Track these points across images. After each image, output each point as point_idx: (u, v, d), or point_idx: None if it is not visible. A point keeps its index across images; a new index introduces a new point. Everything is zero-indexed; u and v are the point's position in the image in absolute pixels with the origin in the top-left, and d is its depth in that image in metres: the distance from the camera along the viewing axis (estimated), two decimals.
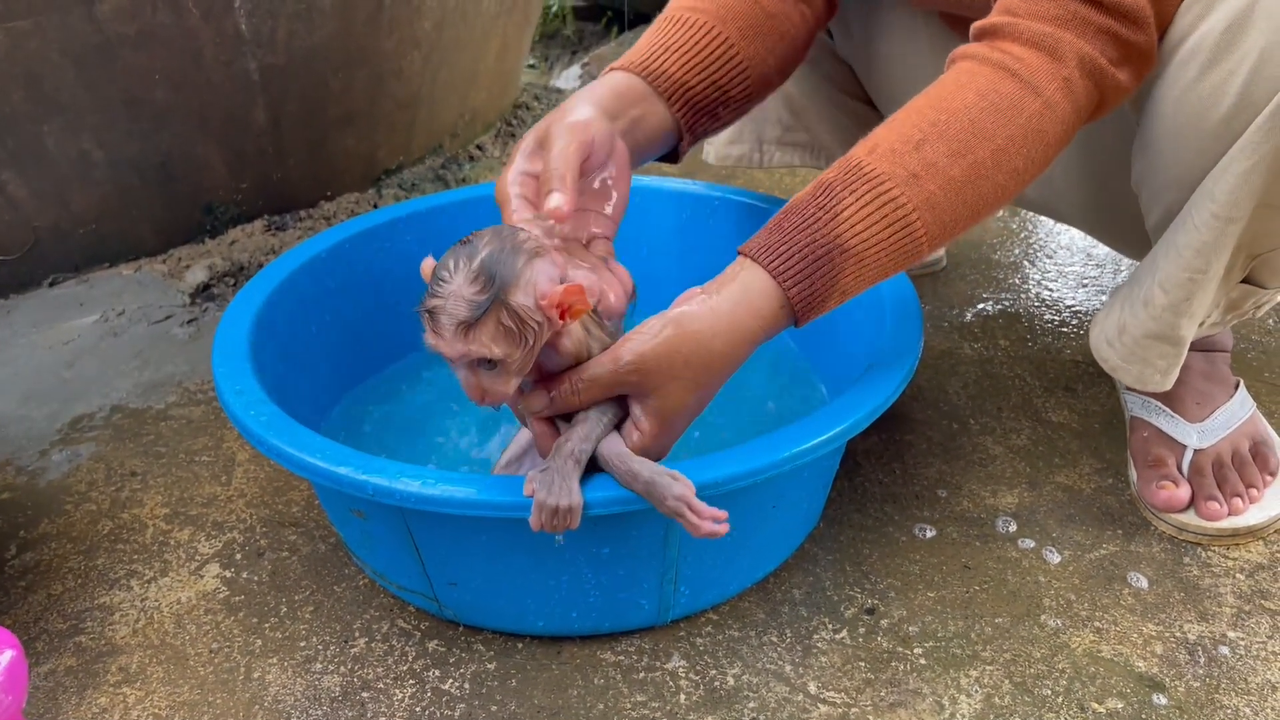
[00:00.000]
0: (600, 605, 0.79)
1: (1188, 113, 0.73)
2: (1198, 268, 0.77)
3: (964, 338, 1.23)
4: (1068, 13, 0.71)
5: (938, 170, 0.70)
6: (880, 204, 0.70)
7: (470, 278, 0.62)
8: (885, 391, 0.78)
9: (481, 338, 0.62)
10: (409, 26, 1.49)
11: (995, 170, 0.71)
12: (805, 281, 0.69)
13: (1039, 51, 0.71)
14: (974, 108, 0.71)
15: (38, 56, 1.19)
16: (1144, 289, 0.82)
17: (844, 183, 0.71)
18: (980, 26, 0.74)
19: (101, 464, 1.07)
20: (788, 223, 0.71)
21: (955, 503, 0.97)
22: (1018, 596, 0.86)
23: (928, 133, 0.70)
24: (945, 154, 0.70)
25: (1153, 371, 0.85)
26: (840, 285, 0.71)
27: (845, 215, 0.70)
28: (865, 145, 0.72)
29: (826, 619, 0.84)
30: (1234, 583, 0.87)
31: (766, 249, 0.71)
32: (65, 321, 1.33)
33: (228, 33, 1.29)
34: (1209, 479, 0.91)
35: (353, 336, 1.06)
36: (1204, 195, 0.75)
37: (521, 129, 1.95)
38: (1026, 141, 0.71)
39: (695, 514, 0.66)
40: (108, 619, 0.87)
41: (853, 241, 0.70)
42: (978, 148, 0.70)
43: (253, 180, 1.46)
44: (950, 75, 0.74)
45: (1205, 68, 0.71)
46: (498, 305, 0.62)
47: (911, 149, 0.70)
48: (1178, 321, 0.81)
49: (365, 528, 0.81)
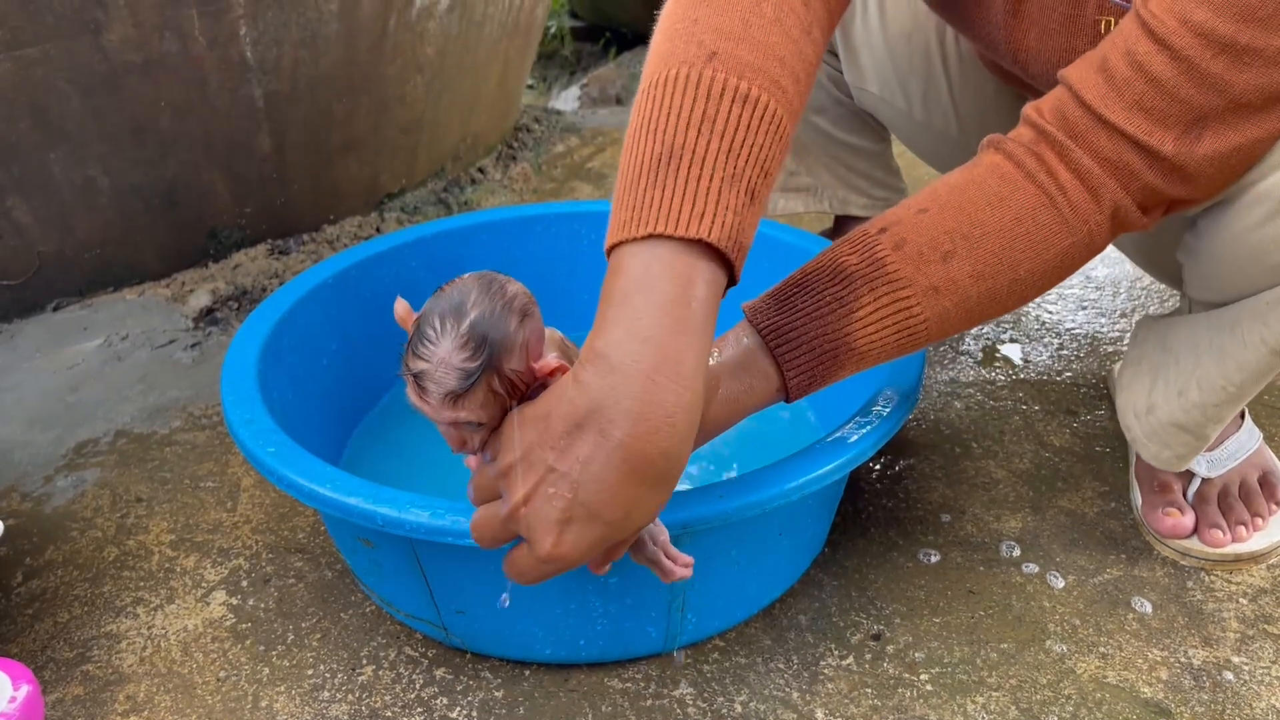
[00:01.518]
0: (608, 633, 0.79)
1: (1245, 249, 0.73)
2: (1236, 382, 0.78)
3: (966, 361, 1.24)
4: (1120, 160, 0.67)
5: (958, 288, 0.68)
6: (896, 310, 0.68)
7: (460, 342, 0.58)
8: (891, 421, 0.79)
9: (470, 405, 0.59)
10: (412, 53, 1.50)
11: (1008, 296, 0.70)
12: (807, 373, 0.68)
13: (1083, 187, 0.68)
14: (1008, 233, 0.68)
15: (44, 85, 1.20)
16: (1181, 378, 0.83)
17: (865, 277, 0.67)
18: (1038, 125, 0.69)
19: (107, 490, 1.07)
20: (801, 304, 0.68)
21: (959, 527, 0.97)
22: (1023, 622, 0.86)
23: (958, 245, 0.67)
24: (969, 274, 0.68)
25: (1171, 455, 0.87)
26: (838, 377, 0.70)
27: (860, 315, 0.67)
28: (892, 236, 0.68)
29: (833, 645, 0.84)
30: (1237, 607, 0.87)
31: (775, 331, 0.68)
32: (69, 346, 1.34)
33: (233, 61, 1.30)
34: (1214, 507, 0.92)
35: (360, 361, 1.07)
36: (1256, 317, 0.75)
37: (522, 151, 1.96)
38: (1045, 274, 0.70)
39: (670, 560, 0.66)
40: (115, 647, 0.87)
41: (862, 342, 0.68)
42: (1001, 275, 0.68)
43: (256, 205, 1.47)
44: (993, 176, 0.69)
45: (1270, 216, 0.70)
46: (489, 373, 0.58)
47: (939, 259, 0.67)
48: (1206, 422, 0.83)
49: (373, 556, 0.81)
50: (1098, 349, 1.26)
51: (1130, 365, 0.90)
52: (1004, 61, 0.86)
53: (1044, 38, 0.79)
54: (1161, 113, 0.65)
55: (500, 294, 0.60)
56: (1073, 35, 0.76)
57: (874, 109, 1.15)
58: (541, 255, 1.17)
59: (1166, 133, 0.66)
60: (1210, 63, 0.63)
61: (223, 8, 1.25)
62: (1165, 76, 0.65)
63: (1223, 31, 0.63)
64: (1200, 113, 0.65)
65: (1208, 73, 0.64)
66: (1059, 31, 0.77)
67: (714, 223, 0.58)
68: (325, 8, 1.34)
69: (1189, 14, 0.63)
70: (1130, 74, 0.66)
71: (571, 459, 0.57)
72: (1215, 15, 0.62)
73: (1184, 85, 0.64)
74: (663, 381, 0.56)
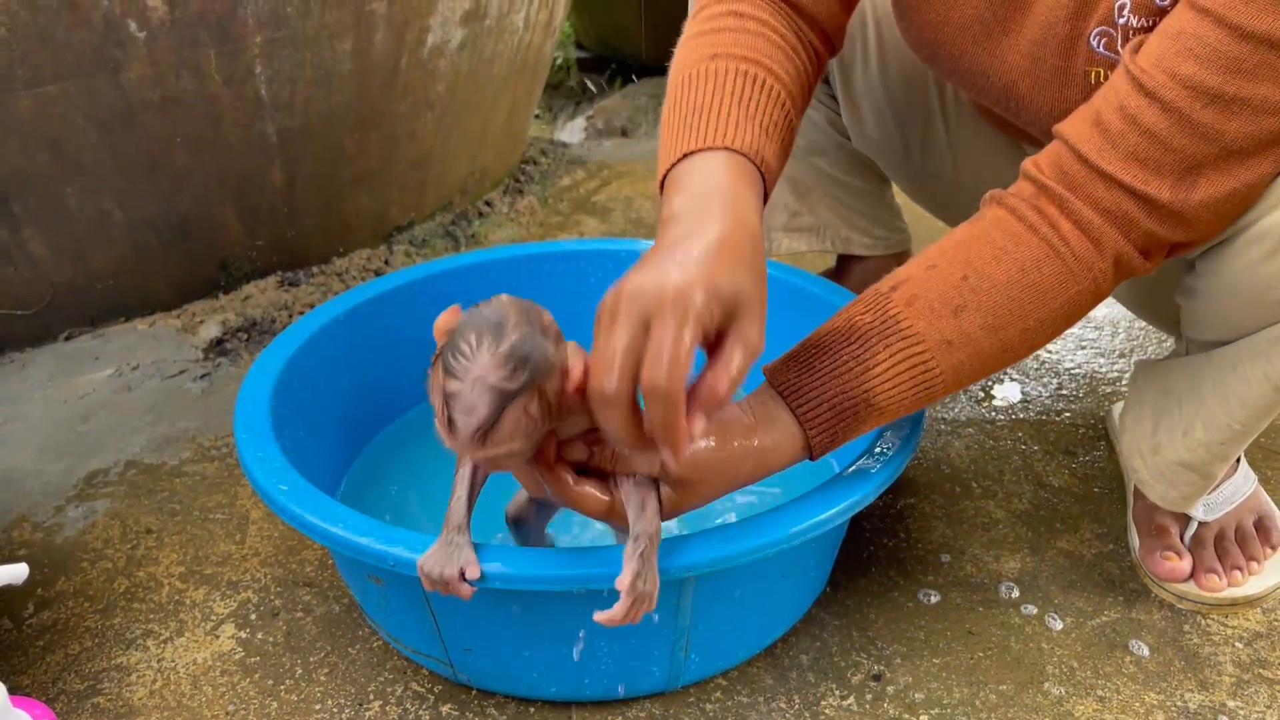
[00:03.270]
0: (612, 672, 0.80)
1: (1246, 287, 0.74)
2: (1240, 420, 0.80)
3: (965, 401, 1.25)
4: (1119, 209, 0.69)
5: (971, 341, 0.71)
6: (912, 365, 0.70)
7: (501, 361, 0.56)
8: (894, 465, 0.80)
9: (499, 439, 0.57)
10: (423, 90, 1.53)
11: (1019, 346, 0.72)
12: (829, 431, 0.71)
13: (1085, 237, 0.70)
14: (1016, 284, 0.70)
15: (63, 120, 1.23)
16: (1185, 416, 0.84)
17: (879, 334, 0.71)
18: (1038, 180, 0.72)
19: (117, 520, 1.08)
20: (819, 364, 0.72)
21: (959, 567, 0.99)
22: (1021, 663, 0.88)
23: (968, 299, 0.70)
24: (980, 326, 0.70)
25: (1178, 496, 0.88)
26: (859, 432, 0.73)
27: (877, 371, 0.70)
28: (903, 292, 0.71)
29: (834, 685, 0.86)
30: (1233, 651, 0.88)
31: (796, 392, 0.71)
32: (80, 376, 1.35)
33: (248, 98, 1.32)
34: (1210, 551, 0.93)
35: (371, 396, 1.09)
36: (1258, 354, 0.76)
37: (529, 185, 1.98)
38: (1054, 322, 0.72)
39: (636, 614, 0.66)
40: (125, 680, 0.88)
41: (881, 398, 0.71)
42: (1011, 325, 0.71)
43: (267, 238, 1.49)
44: (996, 231, 0.72)
45: (1270, 254, 0.71)
46: (530, 394, 0.57)
47: (950, 314, 0.70)
48: (1212, 461, 0.84)
49: (382, 593, 0.82)
50: (1096, 389, 1.27)
51: (1132, 409, 0.92)
52: (997, 109, 0.88)
53: (1036, 88, 0.81)
54: (1156, 162, 0.68)
55: (538, 317, 0.59)
56: (1064, 85, 0.79)
57: (873, 154, 1.17)
58: (550, 292, 1.19)
59: (1163, 181, 0.68)
60: (1200, 113, 0.66)
61: (239, 48, 1.28)
62: (1158, 128, 0.67)
63: (1210, 84, 0.65)
64: (1194, 161, 0.67)
65: (1199, 123, 0.66)
66: (1050, 82, 0.80)
67: (737, 136, 0.70)
68: (339, 47, 1.37)
69: (1177, 68, 0.66)
70: (1124, 127, 0.68)
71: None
72: (1202, 68, 0.65)
73: (1177, 135, 0.66)
74: (719, 206, 0.65)
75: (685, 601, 0.77)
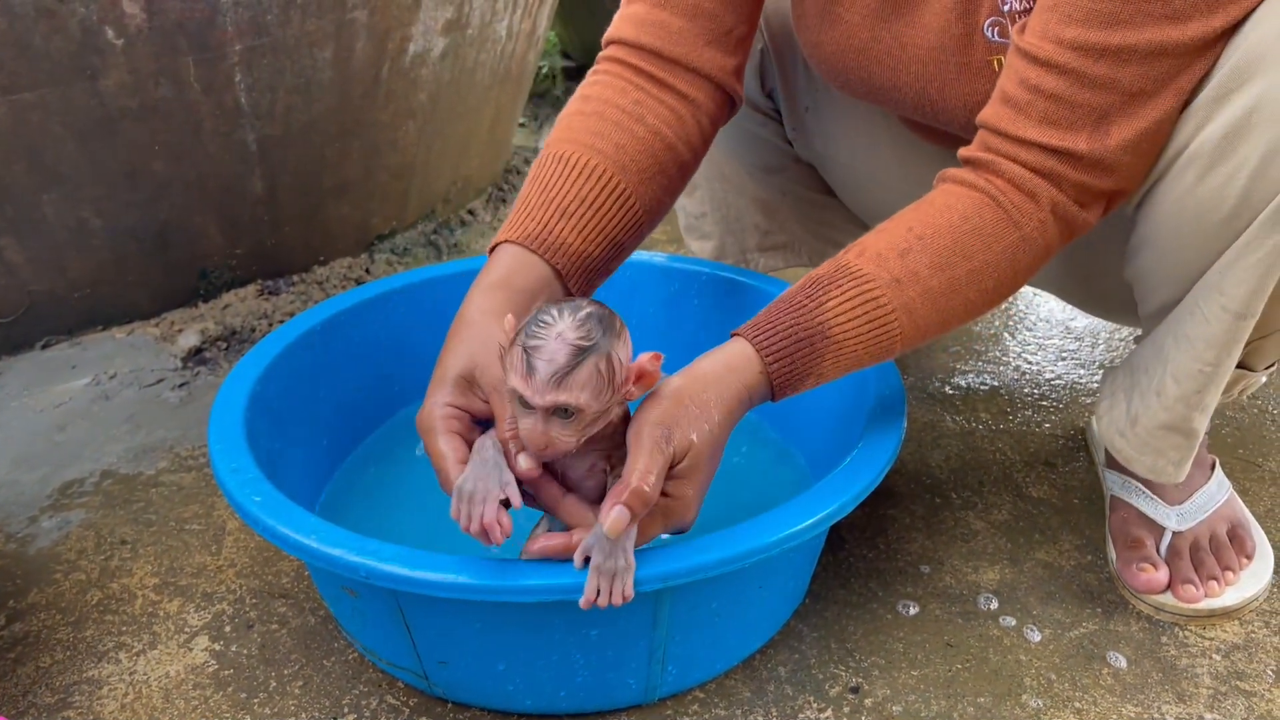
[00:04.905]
0: (588, 685, 0.80)
1: (1188, 214, 0.75)
2: (1209, 360, 0.79)
3: (946, 410, 1.26)
4: (1045, 167, 0.75)
5: (919, 279, 0.75)
6: (863, 300, 0.75)
7: (578, 324, 0.64)
8: (869, 475, 0.80)
9: (574, 384, 0.64)
10: (405, 99, 1.53)
11: (968, 287, 0.76)
12: (787, 359, 0.74)
13: (1019, 191, 0.76)
14: (958, 228, 0.76)
15: (40, 129, 1.22)
16: (1154, 379, 0.84)
17: (832, 279, 0.76)
18: (968, 157, 0.79)
19: (91, 531, 1.07)
20: (776, 309, 0.76)
21: (938, 579, 0.98)
22: (999, 675, 0.87)
23: (913, 244, 0.75)
24: (927, 265, 0.75)
25: (1166, 463, 0.88)
26: (818, 369, 0.75)
27: (831, 306, 0.75)
28: (854, 249, 0.77)
29: (811, 697, 0.85)
30: (1210, 663, 0.89)
31: (754, 326, 0.76)
32: (57, 384, 1.34)
33: (227, 106, 1.32)
34: (1186, 562, 0.94)
35: (348, 406, 1.08)
36: (1210, 289, 0.77)
37: (512, 194, 1.98)
38: (1000, 266, 0.76)
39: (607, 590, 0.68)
40: (96, 693, 0.87)
41: (835, 330, 0.74)
42: (958, 265, 0.75)
43: (247, 246, 1.48)
44: (939, 194, 0.79)
45: (1205, 171, 0.73)
46: (600, 354, 0.64)
47: (897, 256, 0.75)
48: (1190, 414, 0.83)
49: (356, 605, 0.81)
50: (1077, 400, 1.28)
51: (1104, 399, 0.92)
52: (917, 117, 0.92)
53: (945, 88, 0.86)
54: (1068, 120, 0.73)
55: (606, 308, 0.68)
56: (971, 79, 0.84)
57: (818, 164, 1.17)
58: None
59: (1078, 135, 0.73)
60: (1094, 69, 0.71)
61: (218, 55, 1.27)
62: (1060, 90, 0.73)
63: (1095, 40, 0.71)
64: (1102, 111, 0.73)
65: (1095, 77, 0.72)
66: (957, 80, 0.85)
67: (516, 231, 0.81)
68: (319, 55, 1.37)
69: (1061, 34, 0.72)
70: (1030, 97, 0.74)
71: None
72: (1084, 29, 0.71)
73: (1079, 93, 0.72)
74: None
75: (662, 613, 0.76)
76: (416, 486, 1.04)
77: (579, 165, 0.83)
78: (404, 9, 1.43)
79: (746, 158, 1.18)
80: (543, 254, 0.81)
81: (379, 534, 0.74)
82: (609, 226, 0.84)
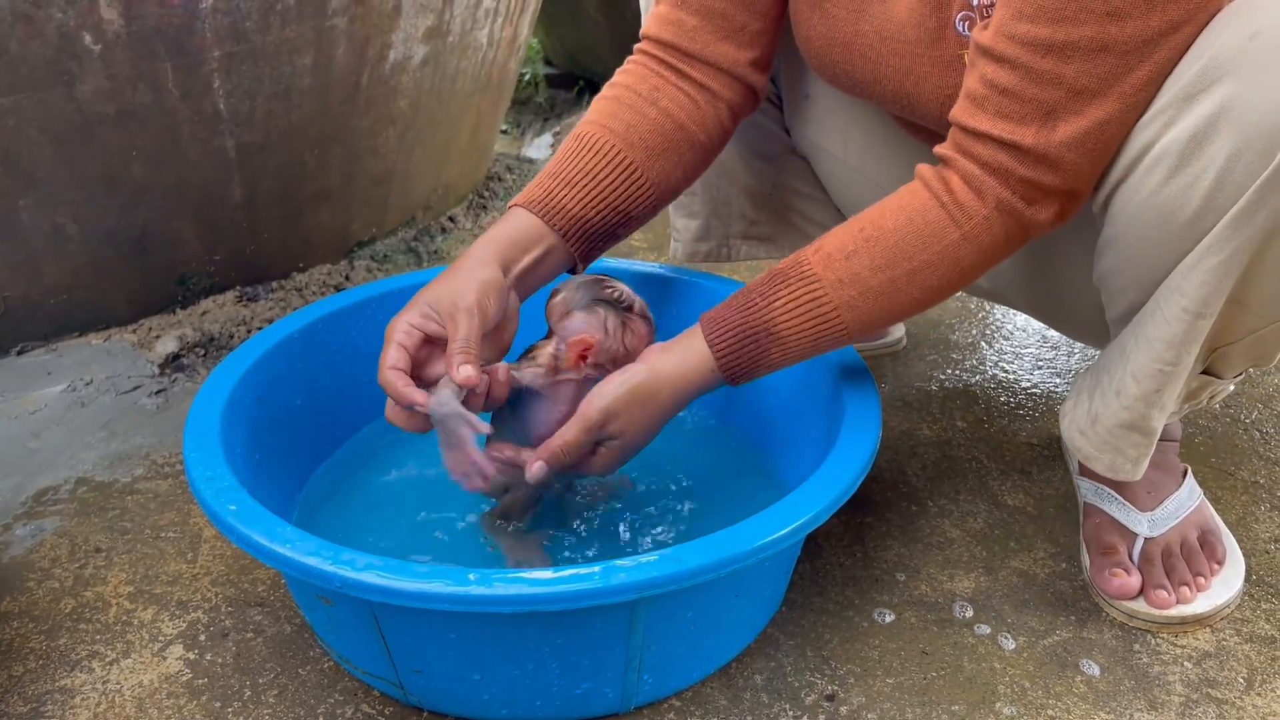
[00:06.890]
0: (564, 694, 0.80)
1: (1153, 215, 0.76)
2: (1169, 360, 0.80)
3: (922, 418, 1.26)
4: (994, 161, 0.79)
5: (860, 280, 0.82)
6: (808, 300, 0.83)
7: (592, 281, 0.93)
8: (844, 483, 0.81)
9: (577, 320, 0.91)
10: (385, 106, 1.52)
11: (909, 285, 0.83)
12: (734, 354, 0.85)
13: (968, 188, 0.80)
14: (901, 230, 0.82)
15: (16, 134, 1.21)
16: (1115, 379, 0.85)
17: (785, 277, 0.85)
18: (938, 153, 0.83)
19: (66, 539, 1.07)
20: (735, 301, 0.87)
21: (914, 587, 0.99)
22: (974, 683, 0.88)
23: (860, 246, 0.83)
24: (868, 267, 0.82)
25: (1124, 461, 0.88)
26: (767, 360, 0.85)
27: (779, 305, 0.84)
28: (814, 245, 0.85)
29: (787, 705, 0.85)
30: (1182, 671, 0.89)
31: (713, 320, 0.86)
32: (32, 391, 1.33)
33: (206, 112, 1.31)
34: (1158, 568, 0.94)
35: (325, 414, 1.08)
36: (1173, 290, 0.78)
37: (494, 201, 1.98)
38: (942, 265, 0.82)
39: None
40: (69, 702, 0.87)
41: (782, 327, 0.84)
42: (898, 265, 0.82)
43: (226, 253, 1.47)
44: (899, 193, 0.84)
45: (1171, 173, 0.74)
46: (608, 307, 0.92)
47: (843, 258, 0.83)
48: (1149, 412, 0.84)
49: (332, 614, 0.81)
50: (1053, 408, 1.29)
51: (1069, 400, 0.94)
52: (898, 112, 0.96)
53: (920, 83, 0.89)
54: (1019, 114, 0.77)
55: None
56: (944, 73, 0.87)
57: (810, 154, 1.18)
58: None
59: (1026, 129, 0.77)
60: (1040, 63, 0.75)
61: (197, 61, 1.27)
62: (1011, 85, 0.76)
63: (1042, 35, 0.74)
64: (1048, 106, 0.76)
65: (1041, 71, 0.75)
66: (930, 74, 0.88)
67: (524, 196, 0.93)
68: (299, 62, 1.36)
69: (1013, 30, 0.75)
70: (986, 91, 0.78)
71: None
72: (1033, 25, 0.74)
73: (1028, 87, 0.76)
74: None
75: (638, 622, 0.76)
76: (393, 495, 1.04)
77: (589, 141, 0.93)
78: (384, 16, 1.43)
79: (743, 141, 1.19)
80: (542, 216, 0.91)
81: (355, 543, 0.74)
82: (611, 196, 0.93)
